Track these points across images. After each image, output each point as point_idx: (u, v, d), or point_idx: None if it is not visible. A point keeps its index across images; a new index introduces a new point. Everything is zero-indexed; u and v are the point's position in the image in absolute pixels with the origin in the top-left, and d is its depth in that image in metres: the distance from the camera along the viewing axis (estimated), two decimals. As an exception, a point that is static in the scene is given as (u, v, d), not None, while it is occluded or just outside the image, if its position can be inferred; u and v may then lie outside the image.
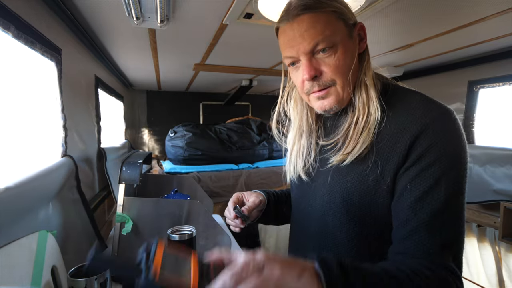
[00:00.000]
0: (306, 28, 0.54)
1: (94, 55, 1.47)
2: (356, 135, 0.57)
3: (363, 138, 0.56)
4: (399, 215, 0.53)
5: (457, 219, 0.50)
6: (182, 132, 2.24)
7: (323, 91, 0.58)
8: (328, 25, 0.54)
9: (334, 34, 0.54)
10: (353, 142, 0.57)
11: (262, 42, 1.41)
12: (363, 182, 0.56)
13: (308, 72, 0.56)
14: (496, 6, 0.98)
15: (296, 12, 0.55)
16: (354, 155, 0.56)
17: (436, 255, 0.48)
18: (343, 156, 0.58)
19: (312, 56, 0.56)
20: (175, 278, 0.46)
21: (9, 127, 0.79)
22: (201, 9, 1.01)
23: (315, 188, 0.67)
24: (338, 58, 0.56)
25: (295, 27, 0.55)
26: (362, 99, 0.58)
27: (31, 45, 0.81)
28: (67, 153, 1.05)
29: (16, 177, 0.67)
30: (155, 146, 3.25)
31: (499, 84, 1.65)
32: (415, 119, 0.53)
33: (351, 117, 0.59)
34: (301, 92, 0.63)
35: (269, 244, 2.27)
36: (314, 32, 0.54)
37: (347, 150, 0.57)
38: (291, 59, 0.59)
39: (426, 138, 0.51)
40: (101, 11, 1.02)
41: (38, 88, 0.96)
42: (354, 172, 0.58)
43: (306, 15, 0.54)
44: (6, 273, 0.55)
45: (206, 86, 2.89)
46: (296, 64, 0.59)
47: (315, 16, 0.54)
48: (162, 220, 0.97)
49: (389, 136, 0.55)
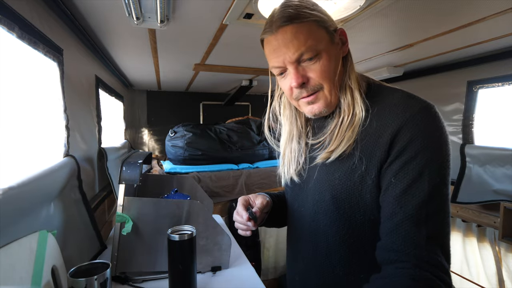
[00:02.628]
0: (290, 39, 0.56)
1: (95, 55, 1.47)
2: (340, 134, 0.60)
3: (348, 137, 0.59)
4: (385, 209, 0.54)
5: (442, 210, 0.51)
6: (182, 132, 2.24)
7: (312, 96, 0.61)
8: (311, 34, 0.57)
9: (317, 43, 0.57)
10: (337, 140, 0.60)
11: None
12: (350, 179, 0.59)
13: (296, 80, 0.58)
14: (496, 6, 0.98)
15: (279, 24, 0.57)
16: (338, 152, 0.59)
17: (423, 247, 0.48)
18: (328, 153, 0.61)
19: (299, 64, 0.59)
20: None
21: (13, 128, 0.80)
22: (201, 9, 1.01)
23: (307, 189, 0.69)
24: (323, 64, 0.58)
25: (279, 38, 0.57)
26: (347, 101, 0.61)
27: (34, 45, 0.82)
28: (69, 153, 1.05)
29: (18, 177, 0.67)
30: (155, 146, 3.25)
31: (499, 84, 1.65)
32: (396, 115, 0.55)
33: (337, 118, 0.62)
34: (290, 99, 0.65)
35: (269, 244, 2.27)
36: (298, 42, 0.56)
37: (331, 148, 0.61)
38: (278, 69, 0.61)
39: (407, 132, 0.52)
40: (101, 11, 1.03)
41: (41, 88, 0.96)
42: (340, 169, 0.60)
43: (289, 26, 0.56)
44: (6, 273, 0.56)
45: (206, 86, 2.89)
46: (283, 73, 0.62)
47: (298, 27, 0.56)
48: (162, 220, 0.97)
49: (373, 132, 0.57)
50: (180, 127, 2.30)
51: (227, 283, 0.97)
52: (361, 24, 1.12)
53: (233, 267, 1.07)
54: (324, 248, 0.65)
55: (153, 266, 0.98)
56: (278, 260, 2.32)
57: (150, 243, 0.97)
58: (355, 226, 0.60)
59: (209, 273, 1.03)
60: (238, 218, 0.72)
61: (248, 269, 1.07)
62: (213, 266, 1.04)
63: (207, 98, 3.40)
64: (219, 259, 1.04)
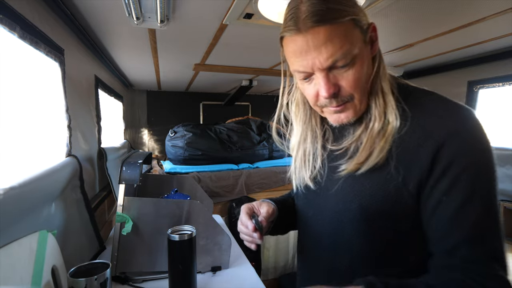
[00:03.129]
0: (323, 42, 0.48)
1: (95, 55, 1.47)
2: (370, 143, 0.54)
3: (380, 147, 0.53)
4: (437, 228, 0.50)
5: (497, 226, 0.49)
6: (182, 132, 2.24)
7: (341, 106, 0.55)
8: (347, 37, 0.49)
9: (352, 47, 0.49)
10: (366, 150, 0.54)
11: (262, 42, 1.41)
12: (384, 189, 0.53)
13: (327, 90, 0.51)
14: (496, 6, 0.98)
15: (310, 23, 0.48)
16: (369, 164, 0.54)
17: (483, 265, 0.46)
18: (357, 165, 0.55)
19: (329, 71, 0.51)
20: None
21: (15, 127, 0.80)
22: (201, 9, 1.01)
23: (326, 196, 0.63)
24: (356, 71, 0.51)
25: (309, 39, 0.49)
26: (380, 107, 0.55)
27: (36, 45, 0.82)
28: (72, 153, 1.05)
29: (20, 177, 0.67)
30: (155, 146, 3.25)
31: (499, 84, 1.65)
32: (440, 124, 0.50)
33: (365, 123, 0.57)
34: (314, 105, 0.59)
35: (269, 244, 2.27)
36: (332, 47, 0.48)
37: (360, 158, 0.55)
38: (303, 74, 0.53)
39: (454, 144, 0.48)
40: (101, 11, 1.03)
41: (43, 88, 0.96)
42: (372, 179, 0.55)
43: (323, 27, 0.47)
44: (6, 273, 0.55)
45: (206, 86, 2.89)
46: (308, 78, 0.54)
47: (333, 29, 0.48)
48: (162, 220, 0.97)
49: (411, 141, 0.51)
50: (180, 127, 2.30)
51: (227, 283, 0.97)
52: (361, 24, 1.12)
53: (233, 267, 1.07)
54: (347, 259, 0.60)
55: (153, 266, 0.98)
56: (278, 260, 2.32)
57: (150, 243, 0.97)
58: (384, 238, 0.56)
59: (209, 273, 1.03)
60: (243, 229, 0.65)
61: (248, 269, 1.07)
62: (213, 266, 1.04)
63: (207, 98, 3.39)
64: (219, 259, 1.04)
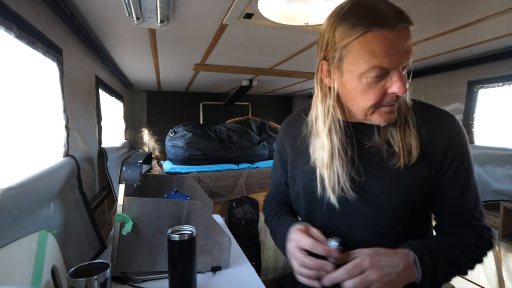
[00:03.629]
0: (406, 41, 0.53)
1: (95, 55, 1.47)
2: (404, 140, 0.62)
3: (414, 144, 0.61)
4: (449, 199, 0.65)
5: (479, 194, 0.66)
6: (182, 132, 2.24)
7: (395, 106, 0.60)
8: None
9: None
10: (405, 146, 0.62)
11: (262, 42, 1.41)
12: (420, 179, 0.63)
13: (404, 88, 0.55)
14: (496, 6, 0.98)
15: (397, 20, 0.51)
16: (414, 158, 0.61)
17: (479, 221, 0.66)
18: (401, 160, 0.62)
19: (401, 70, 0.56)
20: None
21: (12, 128, 0.80)
22: (201, 9, 1.01)
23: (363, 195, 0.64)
24: (406, 73, 0.58)
25: (398, 36, 0.52)
26: (402, 107, 0.63)
27: (33, 45, 0.81)
28: (69, 153, 1.05)
29: (18, 177, 0.67)
30: (155, 146, 3.25)
31: (499, 84, 1.65)
32: (445, 126, 0.64)
33: (399, 128, 0.63)
34: (371, 105, 0.58)
35: (269, 244, 2.27)
36: (410, 47, 0.54)
37: (401, 153, 0.62)
38: (381, 70, 0.54)
39: (455, 142, 0.63)
40: (101, 11, 1.02)
41: (40, 88, 0.96)
42: (411, 173, 0.62)
43: (407, 28, 0.52)
44: (6, 273, 0.56)
45: (206, 86, 2.89)
46: (381, 76, 0.55)
47: (410, 30, 0.53)
48: (162, 220, 0.97)
49: (429, 139, 0.63)
50: (180, 127, 2.30)
51: (227, 283, 0.97)
52: (361, 24, 1.12)
53: (233, 267, 1.07)
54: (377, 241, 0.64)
55: (153, 266, 0.98)
56: (278, 260, 2.32)
57: (150, 243, 0.97)
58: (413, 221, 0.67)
59: (209, 273, 1.03)
60: (309, 263, 0.58)
61: (248, 269, 1.07)
62: (213, 266, 1.04)
63: (207, 98, 3.40)
64: (219, 259, 1.04)
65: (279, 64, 1.86)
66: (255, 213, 2.17)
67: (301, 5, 0.96)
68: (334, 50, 0.57)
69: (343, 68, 0.57)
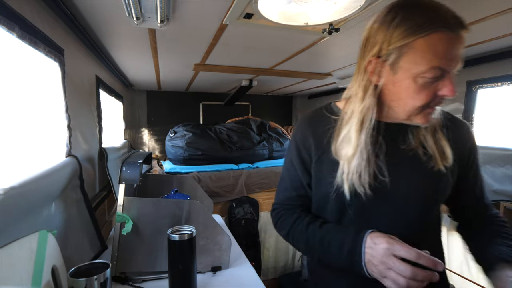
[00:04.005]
0: (462, 46, 0.55)
1: (95, 55, 1.47)
2: (436, 142, 0.67)
3: (446, 147, 0.67)
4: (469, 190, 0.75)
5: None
6: (182, 132, 2.24)
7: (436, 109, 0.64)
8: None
9: None
10: (439, 148, 0.67)
11: (262, 42, 1.41)
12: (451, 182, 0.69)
13: (454, 90, 0.57)
14: (496, 6, 0.98)
15: (458, 24, 0.54)
16: (449, 161, 0.66)
17: (491, 206, 0.77)
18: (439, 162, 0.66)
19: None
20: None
21: (15, 127, 0.80)
22: (201, 9, 1.01)
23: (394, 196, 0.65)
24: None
25: (460, 41, 0.54)
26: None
27: (35, 45, 0.81)
28: (71, 153, 1.05)
29: (21, 177, 0.67)
30: (155, 146, 3.25)
31: (498, 84, 1.65)
32: (467, 131, 0.74)
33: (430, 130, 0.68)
34: (418, 106, 0.59)
35: (269, 244, 2.27)
36: (462, 52, 0.56)
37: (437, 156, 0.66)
38: (440, 71, 0.55)
39: (474, 143, 0.74)
40: (101, 11, 1.03)
41: (42, 88, 0.96)
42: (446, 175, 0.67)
43: (464, 33, 0.54)
44: (6, 273, 0.56)
45: (206, 86, 2.89)
46: (437, 77, 0.56)
47: (464, 37, 0.55)
48: (162, 220, 0.97)
49: (459, 143, 0.70)
50: (180, 127, 2.30)
51: (227, 283, 0.97)
52: (361, 24, 1.12)
53: (233, 267, 1.07)
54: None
55: (153, 266, 0.98)
56: (278, 260, 2.32)
57: (150, 243, 0.97)
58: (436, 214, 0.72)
59: (209, 273, 1.03)
60: (419, 274, 0.51)
61: (248, 269, 1.07)
62: (213, 266, 1.04)
63: (207, 98, 3.40)
64: (219, 259, 1.04)
65: (279, 64, 1.86)
66: (255, 213, 2.17)
67: (301, 5, 0.96)
68: (392, 48, 0.57)
69: (399, 66, 0.57)
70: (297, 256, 2.33)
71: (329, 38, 1.26)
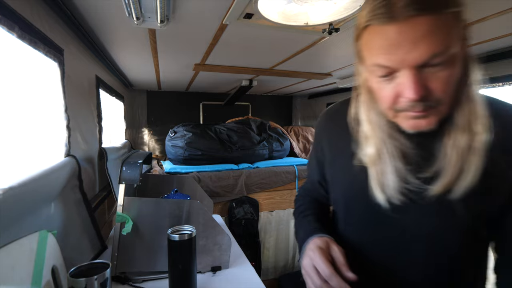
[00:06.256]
0: (423, 35, 0.41)
1: (95, 55, 1.47)
2: (460, 159, 0.48)
3: (475, 164, 0.48)
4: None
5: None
6: (182, 132, 2.24)
7: (425, 112, 0.47)
8: (450, 31, 0.43)
9: (454, 44, 0.43)
10: (457, 167, 0.48)
11: (262, 42, 1.41)
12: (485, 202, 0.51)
13: (417, 91, 0.44)
14: (496, 6, 0.98)
15: (410, 12, 0.41)
16: (464, 185, 0.48)
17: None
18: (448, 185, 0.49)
19: (420, 70, 0.44)
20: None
21: (14, 127, 0.80)
22: (201, 9, 1.01)
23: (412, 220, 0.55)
24: (452, 73, 0.45)
25: (405, 30, 0.42)
26: (466, 116, 0.48)
27: (35, 45, 0.82)
28: (70, 153, 1.05)
29: (19, 177, 0.67)
30: (156, 146, 3.25)
31: (499, 84, 1.65)
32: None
33: (448, 136, 0.50)
34: (388, 108, 0.50)
35: (269, 244, 2.27)
36: (434, 41, 0.42)
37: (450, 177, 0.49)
38: (385, 69, 0.46)
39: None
40: (101, 11, 1.03)
41: (42, 88, 0.96)
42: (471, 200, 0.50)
43: (425, 17, 0.41)
44: (6, 273, 0.56)
45: (206, 86, 2.89)
46: (390, 75, 0.47)
47: (436, 20, 0.41)
48: (162, 220, 0.97)
49: (504, 150, 0.49)
50: (180, 127, 2.30)
51: (227, 283, 0.97)
52: (361, 24, 1.12)
53: (233, 267, 1.07)
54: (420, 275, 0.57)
55: (153, 266, 0.98)
56: (278, 260, 2.32)
57: (150, 243, 0.97)
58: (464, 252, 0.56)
59: (209, 273, 1.03)
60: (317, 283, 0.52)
61: (248, 269, 1.07)
62: (213, 266, 1.04)
63: (207, 98, 3.40)
64: (219, 259, 1.04)
65: (279, 64, 1.86)
66: (255, 213, 2.17)
67: (301, 5, 0.96)
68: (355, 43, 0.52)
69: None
70: (297, 256, 2.33)
71: (329, 38, 1.26)
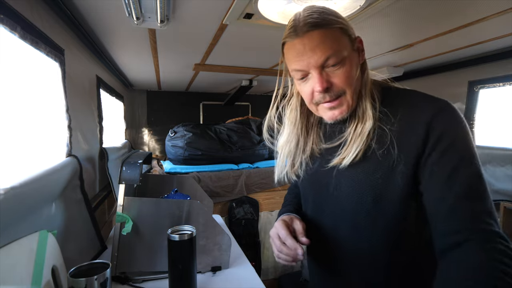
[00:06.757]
0: (317, 43, 0.57)
1: (95, 55, 1.47)
2: (353, 140, 0.64)
3: (357, 143, 0.63)
4: (431, 196, 0.56)
5: (484, 187, 0.53)
6: (182, 132, 2.24)
7: (335, 102, 0.62)
8: (336, 41, 0.58)
9: (342, 49, 0.59)
10: (350, 147, 0.64)
11: (262, 42, 1.41)
12: (392, 176, 0.60)
13: (320, 84, 0.59)
14: (496, 6, 0.98)
15: (306, 29, 0.58)
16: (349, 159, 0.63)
17: (483, 221, 0.50)
18: (340, 159, 0.65)
19: (322, 70, 0.60)
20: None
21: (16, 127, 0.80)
22: (201, 9, 1.01)
23: (334, 194, 0.69)
24: (347, 70, 0.60)
25: (306, 42, 0.58)
26: (362, 108, 0.64)
27: (36, 45, 0.82)
28: (72, 153, 1.05)
29: (21, 177, 0.67)
30: (156, 146, 3.25)
31: (499, 84, 1.65)
32: (425, 112, 0.58)
33: (353, 123, 0.65)
34: (310, 103, 0.66)
35: (269, 244, 2.26)
36: (325, 47, 0.57)
37: (344, 154, 0.64)
38: (300, 73, 0.62)
39: (439, 124, 0.56)
40: (101, 11, 1.03)
41: (44, 89, 0.96)
42: (381, 168, 0.61)
43: (316, 31, 0.57)
44: (6, 273, 0.56)
45: (206, 86, 2.89)
46: (305, 77, 0.62)
47: (325, 33, 0.58)
48: (162, 220, 0.97)
49: (406, 131, 0.60)
50: (180, 127, 2.30)
51: (227, 283, 0.97)
52: (361, 24, 1.12)
53: (233, 267, 1.07)
54: (368, 251, 0.65)
55: (153, 266, 0.98)
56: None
57: (150, 243, 0.97)
58: (397, 226, 0.62)
59: (209, 273, 1.03)
60: (284, 250, 0.66)
61: (248, 269, 1.07)
62: (213, 266, 1.04)
63: (207, 98, 3.40)
64: (219, 259, 1.04)
65: (279, 64, 1.86)
66: (255, 213, 2.17)
67: (301, 5, 0.96)
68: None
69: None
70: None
71: (329, 38, 1.26)
